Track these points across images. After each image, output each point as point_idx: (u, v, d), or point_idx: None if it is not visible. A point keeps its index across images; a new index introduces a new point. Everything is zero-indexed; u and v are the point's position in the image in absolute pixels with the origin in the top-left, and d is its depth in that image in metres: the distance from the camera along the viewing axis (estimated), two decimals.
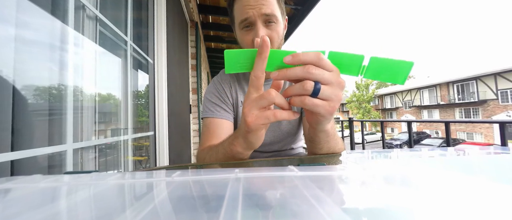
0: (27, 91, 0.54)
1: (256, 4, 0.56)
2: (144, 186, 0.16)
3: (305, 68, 0.31)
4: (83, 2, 0.76)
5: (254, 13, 0.56)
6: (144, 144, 1.41)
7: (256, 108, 0.34)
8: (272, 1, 0.57)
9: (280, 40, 0.62)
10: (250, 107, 0.35)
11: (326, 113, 0.35)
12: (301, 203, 0.12)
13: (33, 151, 0.53)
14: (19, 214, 0.11)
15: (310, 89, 0.32)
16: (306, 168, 0.19)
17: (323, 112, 0.34)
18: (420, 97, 20.51)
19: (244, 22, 0.59)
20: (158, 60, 1.49)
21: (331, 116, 0.37)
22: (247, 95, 0.35)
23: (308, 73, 0.31)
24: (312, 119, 0.39)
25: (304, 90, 0.32)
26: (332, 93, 0.33)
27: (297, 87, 0.32)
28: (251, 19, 0.57)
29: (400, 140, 14.32)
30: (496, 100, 14.80)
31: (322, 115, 0.35)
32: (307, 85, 0.31)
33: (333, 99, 0.34)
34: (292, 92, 0.33)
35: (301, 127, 0.78)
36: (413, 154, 0.27)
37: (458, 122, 3.07)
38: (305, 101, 0.33)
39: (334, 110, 0.35)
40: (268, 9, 0.56)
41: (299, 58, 0.32)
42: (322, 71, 0.32)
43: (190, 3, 2.34)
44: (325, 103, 0.33)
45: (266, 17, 0.57)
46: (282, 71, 0.32)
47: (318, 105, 0.33)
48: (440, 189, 0.14)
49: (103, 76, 0.92)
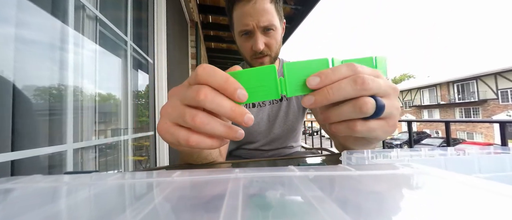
0: (27, 91, 0.54)
1: (255, 13, 0.56)
2: (144, 186, 0.16)
3: (356, 83, 0.21)
4: (83, 2, 0.76)
5: (253, 25, 0.57)
6: (144, 144, 1.41)
7: (169, 119, 0.23)
8: (270, 10, 0.58)
9: (278, 45, 0.64)
10: (167, 111, 0.23)
11: (386, 135, 0.26)
12: (301, 203, 0.12)
13: (33, 151, 0.53)
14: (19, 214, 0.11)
15: (372, 109, 0.22)
16: (306, 168, 0.19)
17: (382, 135, 0.25)
18: (420, 97, 20.51)
19: (243, 31, 0.60)
20: (158, 60, 1.49)
21: (389, 135, 0.27)
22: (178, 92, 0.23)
23: (363, 89, 0.21)
24: (357, 142, 0.29)
25: (362, 113, 0.22)
26: (393, 108, 0.24)
27: (350, 110, 0.22)
28: (249, 29, 0.58)
29: (400, 140, 14.32)
30: (496, 100, 14.79)
31: (380, 139, 0.27)
32: (366, 105, 0.22)
33: (395, 115, 0.25)
34: (339, 117, 0.23)
35: (302, 122, 0.79)
36: (413, 154, 0.27)
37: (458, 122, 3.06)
38: (356, 128, 0.23)
39: (395, 129, 0.26)
40: (266, 21, 0.57)
41: (330, 78, 0.22)
42: (378, 81, 0.22)
43: (190, 3, 2.34)
44: (383, 123, 0.24)
45: (265, 27, 0.58)
46: (321, 94, 0.22)
47: (376, 129, 0.24)
48: (440, 189, 0.14)
49: (103, 76, 0.92)
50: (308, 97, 0.23)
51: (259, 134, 0.74)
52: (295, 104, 0.74)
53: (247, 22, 0.57)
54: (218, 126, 0.22)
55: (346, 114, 0.23)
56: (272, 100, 0.74)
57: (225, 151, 0.61)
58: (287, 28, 3.32)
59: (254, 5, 0.56)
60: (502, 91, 14.57)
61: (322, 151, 1.22)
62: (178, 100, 0.23)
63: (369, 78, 0.22)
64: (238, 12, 0.59)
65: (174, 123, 0.23)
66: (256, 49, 0.59)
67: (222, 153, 0.56)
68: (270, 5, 0.58)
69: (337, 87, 0.22)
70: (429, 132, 18.01)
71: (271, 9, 0.58)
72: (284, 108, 0.73)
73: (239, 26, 0.60)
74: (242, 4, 0.57)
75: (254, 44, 0.59)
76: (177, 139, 0.23)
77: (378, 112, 0.22)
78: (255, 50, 0.60)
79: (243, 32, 0.60)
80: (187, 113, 0.21)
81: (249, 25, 0.57)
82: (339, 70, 0.22)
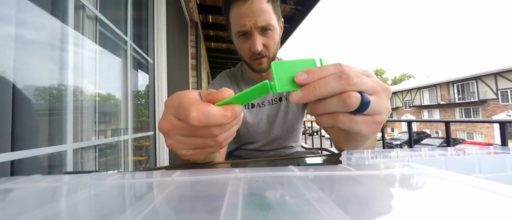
0: (27, 91, 0.54)
1: (252, 14, 0.56)
2: (144, 186, 0.16)
3: (341, 79, 0.22)
4: (83, 2, 0.76)
5: (250, 25, 0.57)
6: (144, 144, 1.41)
7: (178, 134, 0.26)
8: (267, 10, 0.57)
9: (276, 46, 0.63)
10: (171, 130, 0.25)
11: (370, 132, 0.26)
12: (301, 203, 0.12)
13: (33, 151, 0.53)
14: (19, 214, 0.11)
15: (356, 103, 0.22)
16: (306, 168, 0.19)
17: (366, 131, 0.26)
18: (420, 97, 20.51)
19: (240, 32, 0.59)
20: (158, 60, 1.50)
21: (375, 134, 0.28)
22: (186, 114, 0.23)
23: (348, 85, 0.22)
24: (347, 139, 0.30)
25: (346, 106, 0.22)
26: (381, 105, 0.25)
27: (335, 102, 0.23)
28: (247, 29, 0.58)
29: (400, 140, 14.32)
30: (496, 100, 14.79)
31: (363, 135, 0.27)
32: (350, 99, 0.22)
33: (382, 112, 0.25)
34: (324, 109, 0.24)
35: (302, 122, 0.79)
36: (413, 154, 0.27)
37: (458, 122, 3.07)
38: (338, 118, 0.24)
39: (380, 127, 0.27)
40: (264, 21, 0.57)
41: (317, 74, 0.23)
42: (365, 78, 0.23)
43: (190, 3, 2.34)
44: (368, 118, 0.25)
45: (262, 27, 0.58)
46: (308, 89, 0.22)
47: (358, 123, 0.25)
48: (440, 189, 0.14)
49: (103, 76, 0.92)
50: (295, 92, 0.23)
51: (259, 135, 0.74)
52: (295, 104, 0.74)
53: (244, 22, 0.57)
54: (232, 129, 0.27)
55: (330, 106, 0.23)
56: (271, 101, 0.74)
57: (224, 152, 0.61)
58: (287, 28, 3.32)
59: (251, 5, 0.55)
60: (502, 91, 14.57)
61: (322, 151, 1.22)
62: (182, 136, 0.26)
63: (354, 75, 0.23)
64: (235, 13, 0.58)
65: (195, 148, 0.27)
66: (254, 50, 0.59)
67: (221, 154, 0.56)
68: (267, 5, 0.57)
69: (324, 83, 0.22)
70: (429, 132, 18.02)
71: (268, 9, 0.57)
72: (284, 109, 0.73)
73: (236, 27, 0.59)
74: (239, 4, 0.56)
75: (252, 45, 0.59)
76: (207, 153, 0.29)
77: (363, 107, 0.23)
78: (253, 51, 0.60)
79: (241, 33, 0.59)
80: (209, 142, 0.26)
81: (246, 25, 0.57)
82: (326, 68, 0.23)
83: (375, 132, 0.27)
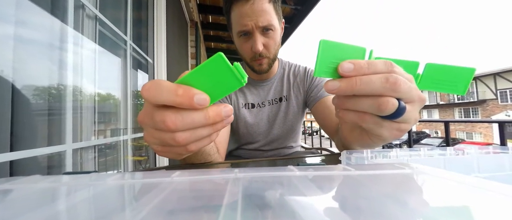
0: (27, 91, 0.54)
1: (253, 14, 0.56)
2: (144, 186, 0.16)
3: (388, 82, 0.20)
4: (83, 2, 0.76)
5: (252, 25, 0.57)
6: (143, 144, 1.41)
7: (157, 144, 0.23)
8: (269, 10, 0.57)
9: (277, 46, 0.63)
10: (152, 140, 0.23)
11: (391, 138, 0.25)
12: (301, 203, 0.12)
13: (33, 152, 0.53)
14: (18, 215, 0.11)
15: (391, 110, 0.21)
16: (306, 168, 0.19)
17: (387, 135, 0.25)
18: None
19: (241, 32, 0.59)
20: (158, 60, 1.49)
21: (394, 140, 0.27)
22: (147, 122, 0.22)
23: (392, 90, 0.21)
24: (362, 138, 0.29)
25: (380, 110, 0.21)
26: (412, 115, 0.23)
27: (369, 103, 0.21)
28: (248, 29, 0.58)
29: (399, 140, 14.34)
30: (495, 100, 14.83)
31: (383, 138, 0.26)
32: (387, 105, 0.21)
33: (410, 122, 0.24)
34: (354, 106, 0.23)
35: (302, 122, 0.79)
36: (412, 154, 0.27)
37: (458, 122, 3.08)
38: (365, 118, 0.23)
39: (403, 135, 0.25)
40: (265, 22, 0.57)
41: (364, 70, 0.21)
42: (411, 86, 0.22)
43: (190, 3, 2.34)
44: (394, 125, 0.24)
45: (264, 28, 0.58)
46: (348, 82, 0.21)
47: (383, 127, 0.23)
48: (439, 188, 0.14)
49: (102, 76, 0.92)
50: (333, 82, 0.21)
51: (258, 135, 0.74)
52: (295, 104, 0.74)
53: (246, 22, 0.57)
54: (200, 131, 0.21)
55: (362, 105, 0.22)
56: (271, 101, 0.74)
57: (224, 152, 0.61)
58: (287, 28, 3.33)
59: (252, 5, 0.56)
60: (501, 91, 14.61)
61: (322, 151, 1.22)
62: (152, 128, 0.22)
63: (402, 80, 0.21)
64: (236, 13, 0.58)
65: (163, 145, 0.23)
66: (256, 50, 0.59)
67: (221, 153, 0.56)
68: (268, 5, 0.57)
69: (367, 80, 0.21)
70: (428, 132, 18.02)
71: (269, 9, 0.57)
72: (284, 109, 0.73)
73: (237, 27, 0.59)
74: (240, 4, 0.56)
75: (253, 45, 0.59)
76: (176, 154, 0.24)
77: (396, 115, 0.21)
78: (255, 52, 0.60)
79: (242, 32, 0.59)
80: (167, 138, 0.21)
81: (248, 25, 0.57)
82: (375, 65, 0.21)
83: (396, 138, 0.25)
